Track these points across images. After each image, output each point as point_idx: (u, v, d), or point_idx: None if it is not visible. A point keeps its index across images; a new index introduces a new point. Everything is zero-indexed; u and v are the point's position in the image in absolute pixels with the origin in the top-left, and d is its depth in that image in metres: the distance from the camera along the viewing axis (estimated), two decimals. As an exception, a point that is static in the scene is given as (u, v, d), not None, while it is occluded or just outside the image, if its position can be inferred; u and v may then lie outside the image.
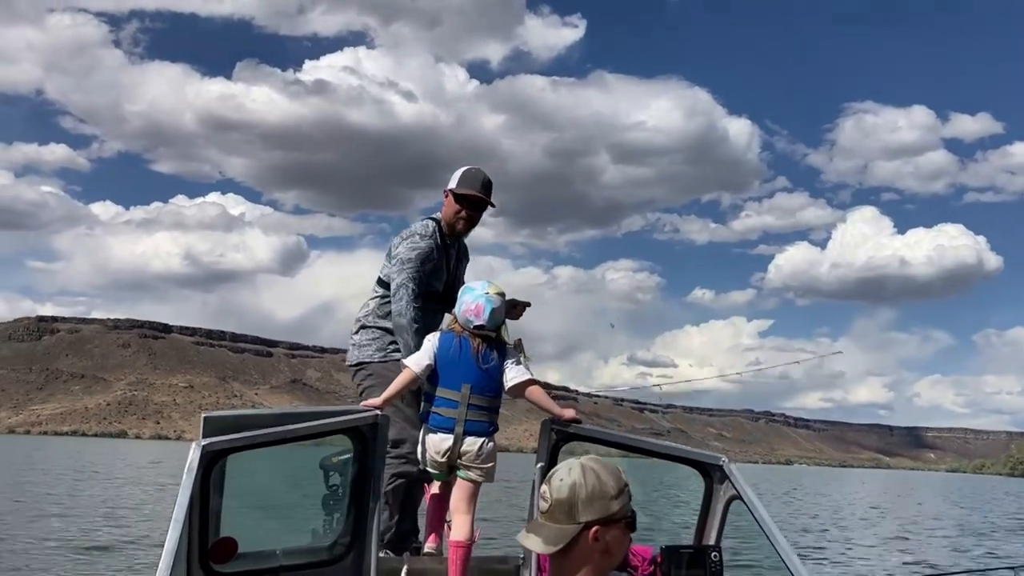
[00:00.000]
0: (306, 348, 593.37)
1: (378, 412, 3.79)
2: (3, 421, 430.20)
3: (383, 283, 4.88)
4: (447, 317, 4.29)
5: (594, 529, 2.28)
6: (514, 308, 4.75)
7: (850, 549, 20.29)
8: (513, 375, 4.02)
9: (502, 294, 4.14)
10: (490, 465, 4.04)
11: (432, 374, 4.03)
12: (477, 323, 4.02)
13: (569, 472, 2.35)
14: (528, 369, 4.13)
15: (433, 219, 4.91)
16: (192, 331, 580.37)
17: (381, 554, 4.25)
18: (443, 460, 4.01)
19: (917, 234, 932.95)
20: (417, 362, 4.04)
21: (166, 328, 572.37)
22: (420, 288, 4.74)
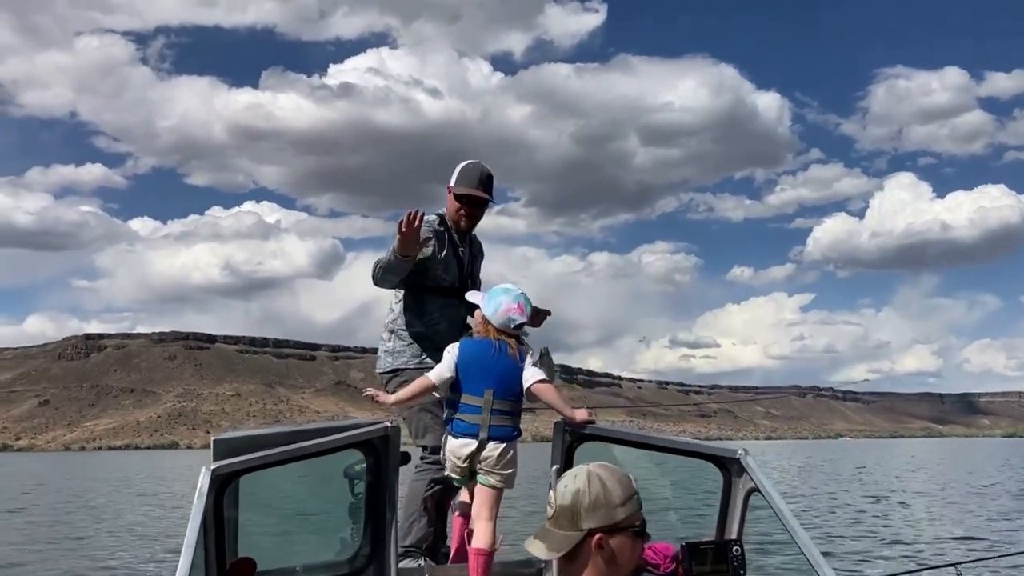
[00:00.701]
0: (348, 349, 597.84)
1: (388, 424, 3.78)
2: (58, 439, 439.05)
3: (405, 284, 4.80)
4: (473, 321, 4.25)
5: (597, 536, 2.26)
6: (536, 316, 4.63)
7: (907, 526, 19.43)
8: (527, 376, 3.97)
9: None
10: (510, 471, 3.99)
11: (455, 382, 4.03)
12: (520, 321, 4.03)
13: (574, 479, 2.34)
14: (551, 374, 4.10)
15: (439, 214, 4.84)
16: (236, 340, 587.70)
17: (420, 562, 4.31)
18: (464, 465, 4.00)
19: (957, 197, 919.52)
20: (439, 374, 4.03)
21: (210, 338, 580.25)
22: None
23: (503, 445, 3.96)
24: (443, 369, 4.03)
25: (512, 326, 4.02)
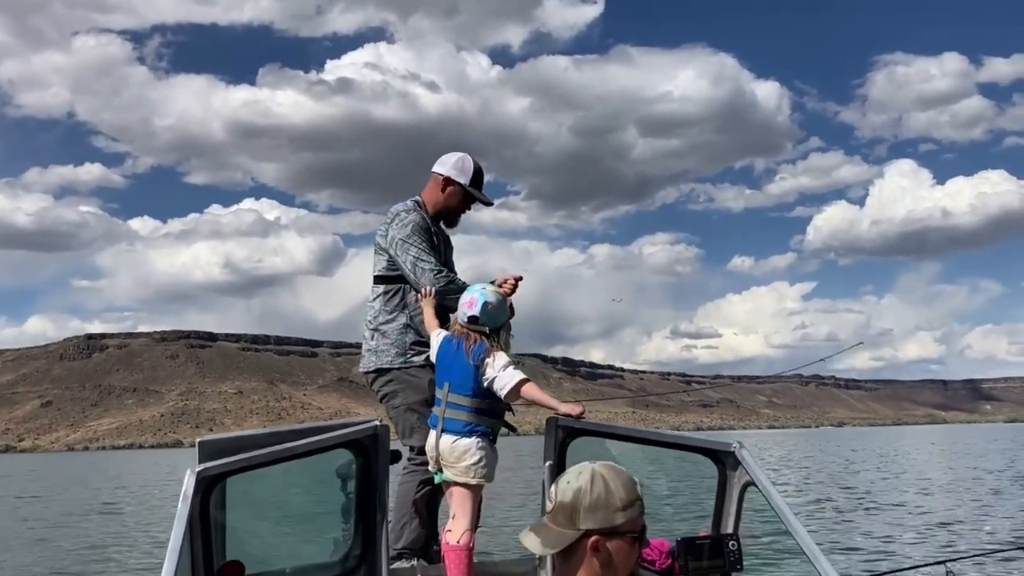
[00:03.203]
0: (350, 346, 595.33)
1: (377, 423, 3.72)
2: (62, 439, 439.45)
3: (381, 279, 4.68)
4: (452, 318, 4.28)
5: (594, 539, 2.18)
6: (505, 283, 4.58)
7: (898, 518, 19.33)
8: (504, 382, 3.93)
9: (502, 295, 4.16)
10: (465, 464, 3.95)
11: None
12: (470, 314, 4.01)
13: (578, 476, 2.25)
14: (507, 359, 4.03)
15: (415, 200, 4.73)
16: (237, 337, 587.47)
17: (413, 563, 4.28)
18: (434, 456, 4.03)
19: (958, 183, 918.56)
20: (436, 335, 4.24)
21: (212, 336, 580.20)
22: (435, 255, 4.56)
23: (455, 439, 3.95)
24: (432, 349, 4.25)
25: (465, 320, 4.04)
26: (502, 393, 3.93)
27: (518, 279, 4.53)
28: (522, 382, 3.93)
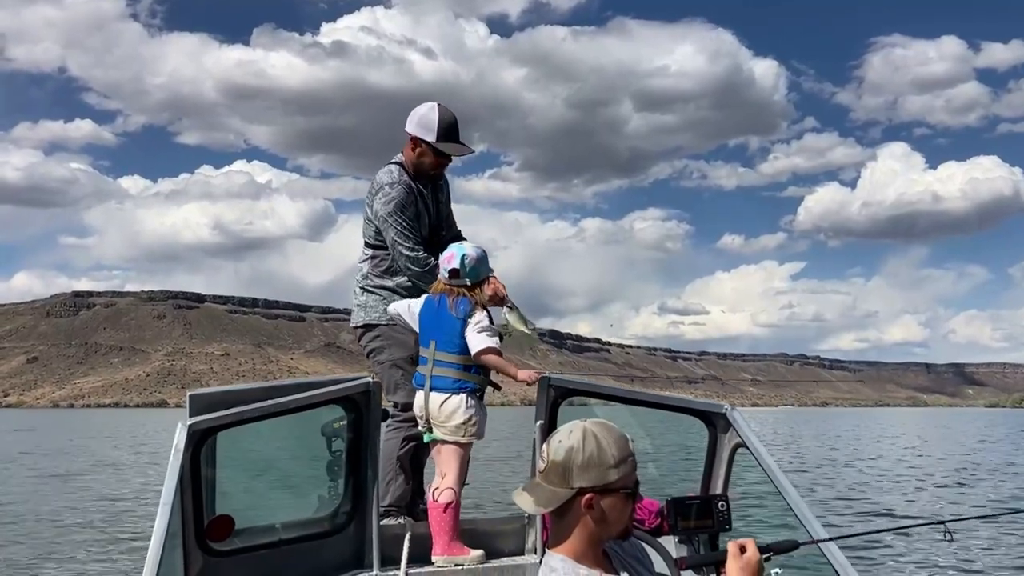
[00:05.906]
0: (338, 311, 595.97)
1: (369, 380, 3.72)
2: (47, 396, 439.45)
3: (369, 244, 4.71)
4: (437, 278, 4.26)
5: (588, 496, 2.20)
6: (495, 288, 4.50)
7: (885, 490, 19.65)
8: (473, 343, 3.99)
9: (484, 251, 4.17)
10: (455, 423, 3.99)
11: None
12: (450, 268, 4.04)
13: (569, 434, 2.26)
14: (525, 322, 4.10)
15: (396, 163, 4.65)
16: (225, 299, 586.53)
17: (400, 520, 4.29)
18: (422, 415, 4.06)
19: (950, 168, 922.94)
20: (393, 308, 4.34)
21: (200, 298, 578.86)
22: (415, 235, 4.54)
23: (444, 396, 3.99)
24: (398, 306, 4.31)
25: (446, 275, 4.07)
26: (472, 353, 4.00)
27: (501, 298, 4.41)
28: (486, 350, 3.97)
